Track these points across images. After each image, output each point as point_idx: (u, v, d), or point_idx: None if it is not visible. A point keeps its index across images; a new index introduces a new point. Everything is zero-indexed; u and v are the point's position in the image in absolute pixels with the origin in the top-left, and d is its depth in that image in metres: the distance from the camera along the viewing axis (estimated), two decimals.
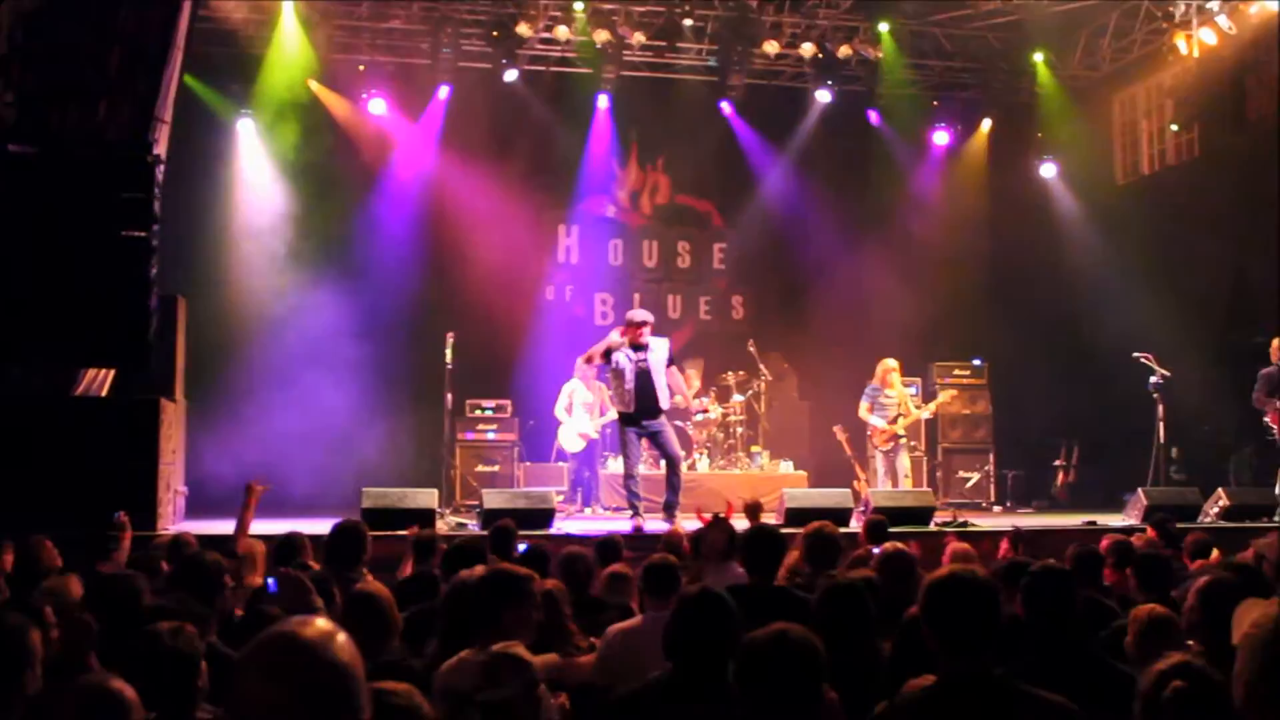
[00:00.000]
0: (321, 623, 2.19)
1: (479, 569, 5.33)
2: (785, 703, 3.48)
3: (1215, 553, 7.86)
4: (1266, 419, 12.97)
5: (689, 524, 9.36)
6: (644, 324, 12.16)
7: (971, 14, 16.31)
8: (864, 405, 14.29)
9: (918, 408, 14.72)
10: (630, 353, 12.10)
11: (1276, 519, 12.25)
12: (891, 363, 14.37)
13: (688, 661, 4.07)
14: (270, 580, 5.71)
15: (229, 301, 15.39)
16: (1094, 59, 17.36)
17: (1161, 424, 13.62)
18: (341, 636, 2.16)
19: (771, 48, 16.49)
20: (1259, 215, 14.67)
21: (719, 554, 6.86)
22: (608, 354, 12.26)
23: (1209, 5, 14.78)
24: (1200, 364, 14.60)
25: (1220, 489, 12.74)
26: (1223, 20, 14.68)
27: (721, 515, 8.28)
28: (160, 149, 11.32)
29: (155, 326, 11.00)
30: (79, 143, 10.82)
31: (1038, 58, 17.00)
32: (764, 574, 6.22)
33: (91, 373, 11.30)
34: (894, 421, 14.16)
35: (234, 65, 15.55)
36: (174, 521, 11.53)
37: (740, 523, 8.10)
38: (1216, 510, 12.45)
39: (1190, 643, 4.60)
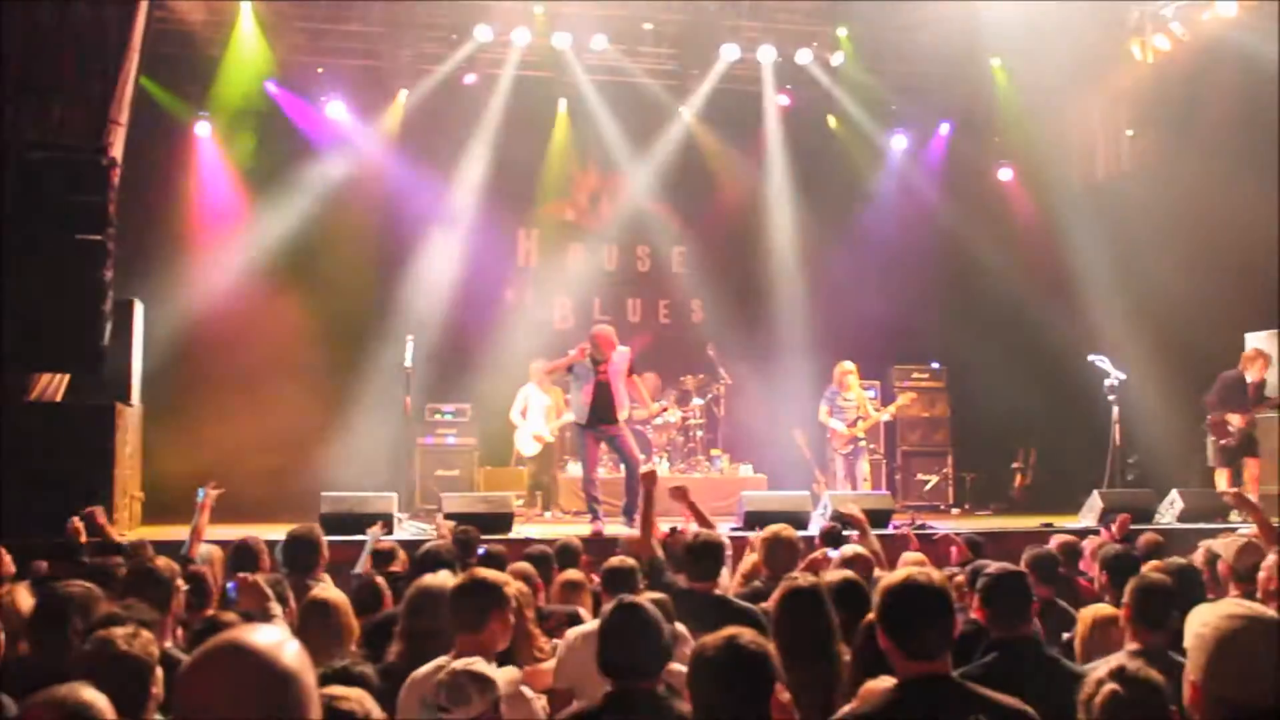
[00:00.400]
0: (271, 630, 2.18)
1: (443, 574, 5.34)
2: (736, 707, 3.48)
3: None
4: (1208, 421, 13.12)
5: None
6: (604, 346, 12.20)
7: (930, 18, 16.36)
8: (823, 409, 14.33)
9: (876, 410, 14.78)
10: (590, 365, 12.15)
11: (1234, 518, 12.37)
12: (849, 366, 14.42)
13: (619, 675, 4.07)
14: (230, 585, 5.68)
15: (186, 305, 15.22)
16: (1051, 65, 17.45)
17: (1117, 426, 13.72)
18: (292, 644, 2.14)
19: (731, 52, 16.53)
20: (1213, 221, 14.82)
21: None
22: (570, 369, 12.34)
23: (1163, 12, 14.93)
24: (1157, 367, 14.73)
25: (1175, 491, 12.85)
26: (1177, 27, 14.84)
27: (678, 528, 8.31)
28: (115, 151, 11.24)
29: (110, 331, 10.91)
30: (32, 145, 10.72)
31: (995, 63, 17.09)
32: (703, 581, 6.25)
33: (46, 377, 11.19)
34: (853, 425, 14.21)
35: (191, 67, 15.39)
36: (130, 527, 11.45)
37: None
38: (1173, 512, 12.55)
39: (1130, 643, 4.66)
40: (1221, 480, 13.21)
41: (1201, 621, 2.86)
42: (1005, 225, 18.05)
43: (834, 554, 7.27)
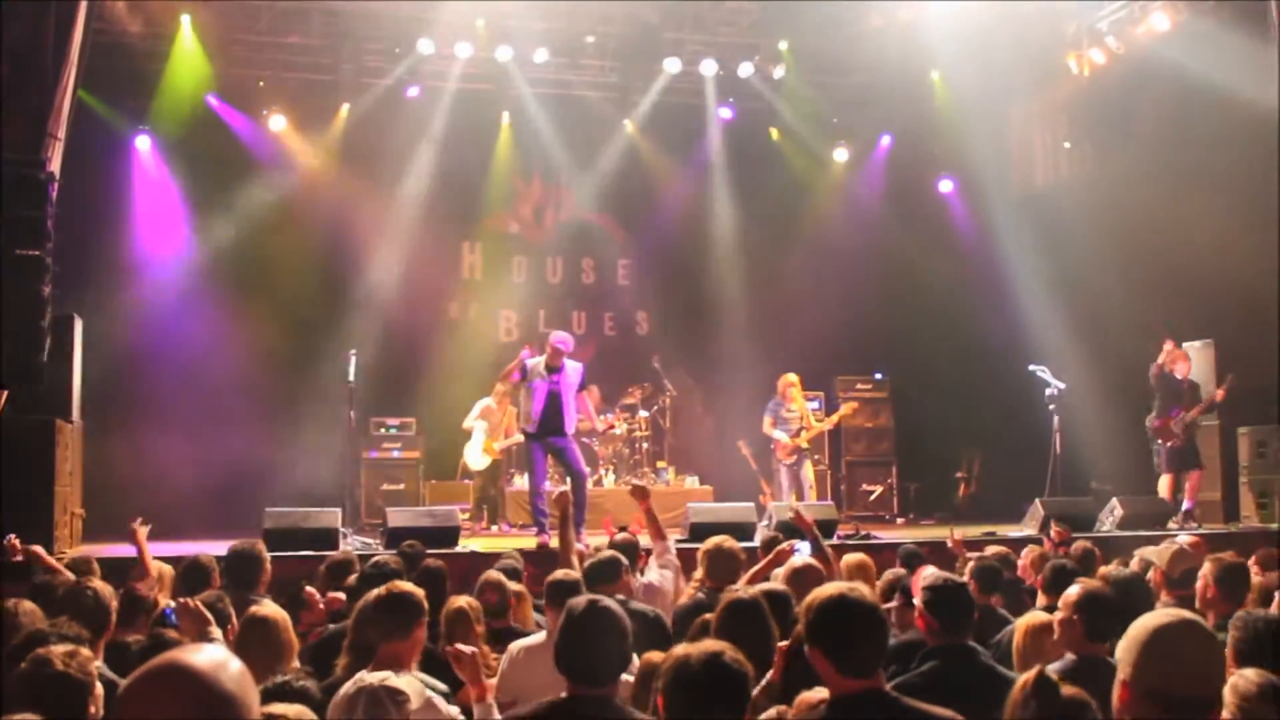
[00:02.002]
0: (213, 650, 2.17)
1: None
2: None
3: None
4: (1152, 427, 13.28)
5: (595, 539, 9.39)
6: (561, 353, 12.18)
7: (870, 31, 16.51)
8: (766, 420, 14.39)
9: (819, 421, 14.86)
10: (544, 373, 12.12)
11: (1171, 527, 12.53)
12: (792, 377, 14.49)
13: (579, 675, 4.06)
14: (167, 608, 5.64)
15: (127, 320, 15.09)
16: (990, 76, 17.64)
17: (1058, 435, 13.85)
18: (233, 664, 2.14)
19: (673, 65, 16.60)
20: (1149, 231, 15.05)
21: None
22: (524, 372, 12.28)
23: (1098, 26, 15.14)
24: (1097, 375, 14.91)
25: (1115, 499, 12.98)
26: (1111, 40, 15.06)
27: (626, 529, 8.32)
28: (54, 165, 11.12)
29: (49, 346, 10.80)
30: None
31: (934, 75, 17.25)
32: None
33: None
34: (796, 435, 14.27)
35: (131, 80, 15.28)
36: (71, 544, 11.32)
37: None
38: (1113, 519, 12.68)
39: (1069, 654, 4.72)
40: (1164, 486, 13.35)
41: (1131, 626, 2.94)
42: (946, 236, 18.20)
43: (799, 545, 7.34)
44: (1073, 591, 4.99)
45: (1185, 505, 12.98)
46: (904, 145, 18.45)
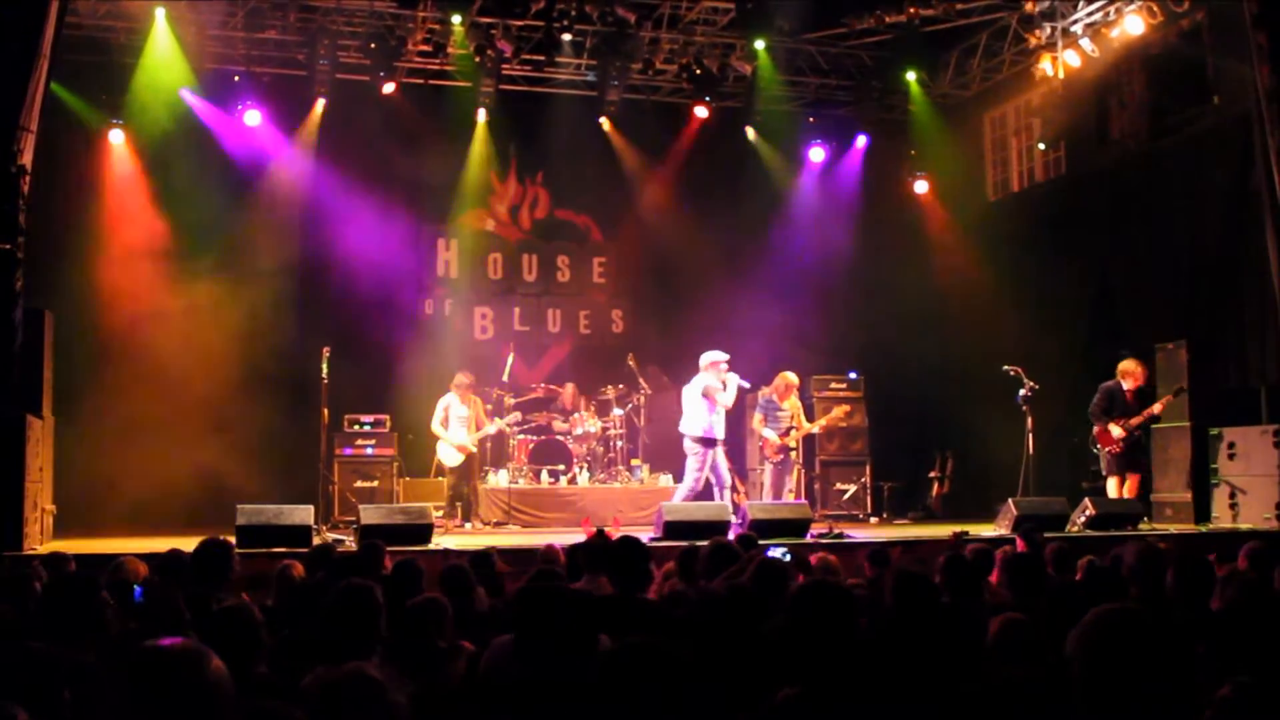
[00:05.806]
0: (193, 644, 2.17)
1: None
2: None
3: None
4: (1094, 432, 13.43)
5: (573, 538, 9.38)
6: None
7: (845, 32, 16.55)
8: (757, 417, 14.44)
9: (809, 422, 14.91)
10: None
11: (1142, 527, 12.63)
12: (792, 378, 14.53)
13: (536, 662, 4.04)
14: (137, 589, 5.60)
15: (99, 315, 15.05)
16: (964, 78, 17.74)
17: (1030, 435, 13.90)
18: (215, 658, 2.14)
19: (649, 63, 16.60)
20: (1123, 233, 15.13)
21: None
22: None
23: (1073, 29, 15.20)
24: (1067, 376, 14.97)
25: (1087, 498, 13.04)
26: (1086, 43, 15.11)
27: (604, 529, 8.31)
28: (26, 159, 11.04)
29: (20, 341, 10.73)
30: None
31: (910, 76, 17.31)
32: (628, 587, 6.23)
33: None
34: (785, 435, 14.31)
35: (104, 74, 15.19)
36: (42, 540, 11.27)
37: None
38: (1084, 519, 12.74)
39: None
40: (1112, 488, 13.50)
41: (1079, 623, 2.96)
42: (920, 236, 18.27)
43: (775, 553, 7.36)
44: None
45: None
46: (879, 145, 18.48)
